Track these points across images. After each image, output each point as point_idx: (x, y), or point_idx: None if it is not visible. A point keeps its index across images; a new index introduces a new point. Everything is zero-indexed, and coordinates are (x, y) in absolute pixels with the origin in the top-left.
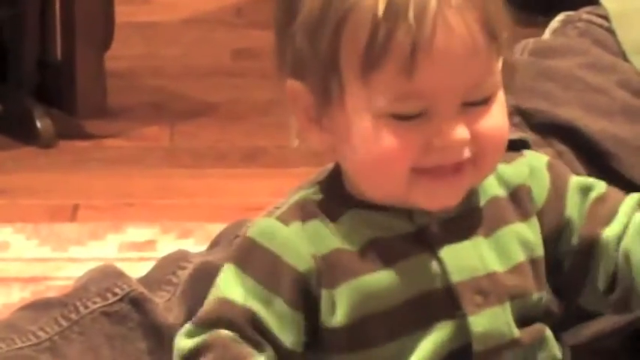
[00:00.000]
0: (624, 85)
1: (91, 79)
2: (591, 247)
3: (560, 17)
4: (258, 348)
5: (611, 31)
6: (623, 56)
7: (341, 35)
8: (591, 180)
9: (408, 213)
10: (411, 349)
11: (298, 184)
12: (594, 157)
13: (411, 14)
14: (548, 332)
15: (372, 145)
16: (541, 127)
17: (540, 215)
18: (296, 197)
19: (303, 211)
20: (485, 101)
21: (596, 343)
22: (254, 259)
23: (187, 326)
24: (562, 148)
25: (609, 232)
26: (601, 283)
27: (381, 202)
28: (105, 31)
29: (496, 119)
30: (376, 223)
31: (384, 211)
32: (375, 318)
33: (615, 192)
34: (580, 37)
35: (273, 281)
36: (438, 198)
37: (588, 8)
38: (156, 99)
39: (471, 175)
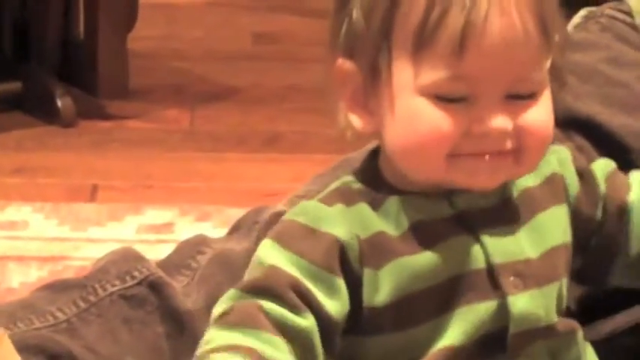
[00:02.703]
0: None
1: (113, 59)
2: (619, 215)
3: (583, 12)
4: (297, 312)
5: (634, 27)
6: None
7: (396, 11)
8: (601, 160)
9: (447, 198)
10: (448, 328)
11: (318, 169)
12: (614, 152)
13: None
14: (581, 332)
15: (413, 125)
16: (561, 121)
17: (576, 202)
18: (335, 185)
19: (345, 197)
20: (531, 96)
21: (612, 340)
22: (292, 233)
23: (231, 290)
24: (582, 142)
25: (632, 197)
26: (632, 248)
27: (420, 186)
28: (128, 11)
29: (540, 116)
30: (417, 208)
31: (424, 197)
32: (418, 296)
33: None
34: (602, 32)
35: (312, 250)
36: (477, 177)
37: (611, 4)
38: (177, 81)
39: (511, 166)
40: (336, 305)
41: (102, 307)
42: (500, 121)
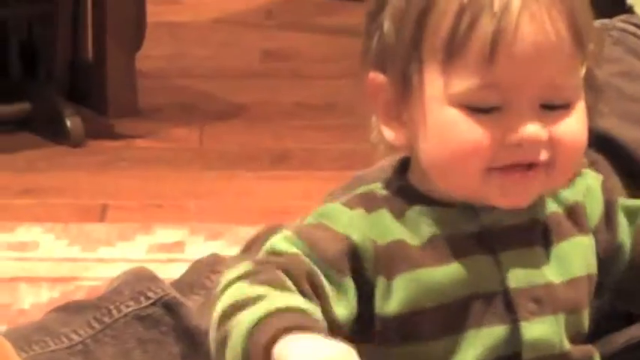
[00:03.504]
0: None
1: (122, 79)
2: None
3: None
4: (308, 300)
5: None
6: None
7: (426, 21)
8: (637, 203)
9: (474, 212)
10: (460, 349)
11: (327, 186)
12: (629, 166)
13: (496, 3)
14: (598, 357)
15: (447, 138)
16: None
17: (594, 234)
18: (360, 190)
19: (367, 202)
20: (565, 107)
21: (627, 352)
22: (310, 228)
23: (245, 262)
24: (596, 157)
25: None
26: None
27: (450, 198)
28: (136, 30)
29: (575, 127)
30: (441, 220)
31: (450, 208)
32: (428, 311)
33: None
34: (614, 46)
35: (325, 247)
36: (511, 195)
37: (623, 16)
38: (185, 100)
39: (544, 180)
40: (342, 306)
41: (116, 328)
42: (535, 130)
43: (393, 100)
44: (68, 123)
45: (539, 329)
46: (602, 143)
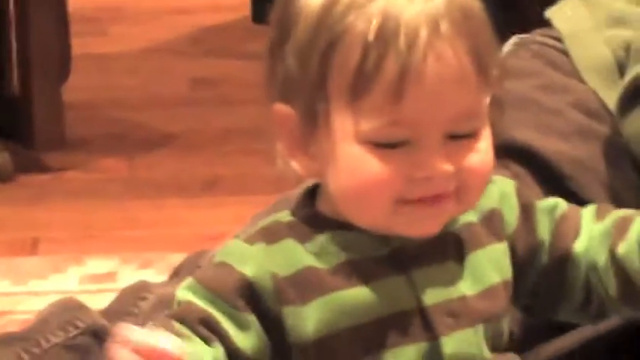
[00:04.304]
0: (578, 106)
1: (49, 111)
2: (564, 263)
3: (514, 40)
4: (207, 343)
5: (564, 52)
6: (577, 77)
7: (331, 58)
8: (552, 200)
9: (383, 235)
10: None
11: (259, 210)
12: (551, 179)
13: (401, 41)
14: None
15: (356, 173)
16: (497, 150)
17: (513, 239)
18: (264, 222)
19: (270, 234)
20: (471, 135)
21: None
22: (208, 271)
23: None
24: (518, 170)
25: (578, 246)
26: (577, 296)
27: (359, 226)
28: (61, 63)
29: (481, 155)
30: (350, 245)
31: (359, 233)
32: (345, 334)
33: (574, 208)
34: (533, 59)
35: (222, 286)
36: (419, 226)
37: (541, 30)
38: (115, 130)
39: (453, 207)
40: (247, 339)
41: (46, 359)
42: (442, 164)
43: (299, 133)
44: None
45: (458, 343)
46: (523, 156)
